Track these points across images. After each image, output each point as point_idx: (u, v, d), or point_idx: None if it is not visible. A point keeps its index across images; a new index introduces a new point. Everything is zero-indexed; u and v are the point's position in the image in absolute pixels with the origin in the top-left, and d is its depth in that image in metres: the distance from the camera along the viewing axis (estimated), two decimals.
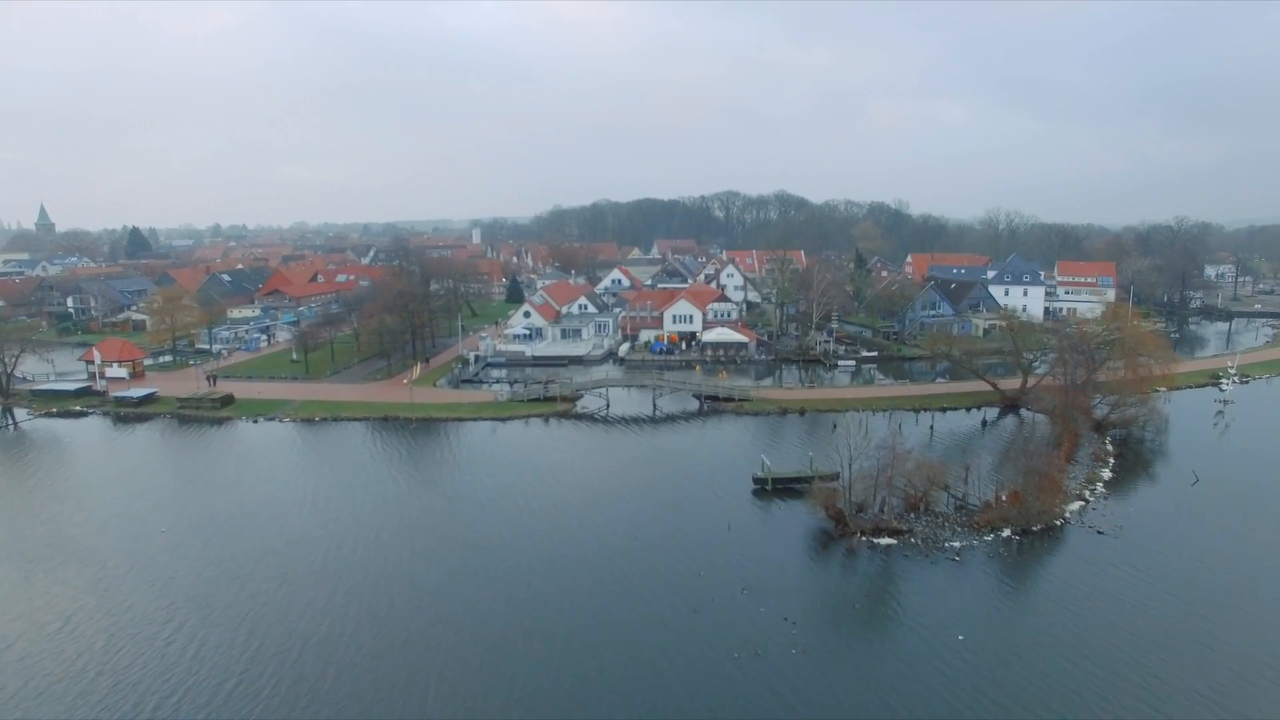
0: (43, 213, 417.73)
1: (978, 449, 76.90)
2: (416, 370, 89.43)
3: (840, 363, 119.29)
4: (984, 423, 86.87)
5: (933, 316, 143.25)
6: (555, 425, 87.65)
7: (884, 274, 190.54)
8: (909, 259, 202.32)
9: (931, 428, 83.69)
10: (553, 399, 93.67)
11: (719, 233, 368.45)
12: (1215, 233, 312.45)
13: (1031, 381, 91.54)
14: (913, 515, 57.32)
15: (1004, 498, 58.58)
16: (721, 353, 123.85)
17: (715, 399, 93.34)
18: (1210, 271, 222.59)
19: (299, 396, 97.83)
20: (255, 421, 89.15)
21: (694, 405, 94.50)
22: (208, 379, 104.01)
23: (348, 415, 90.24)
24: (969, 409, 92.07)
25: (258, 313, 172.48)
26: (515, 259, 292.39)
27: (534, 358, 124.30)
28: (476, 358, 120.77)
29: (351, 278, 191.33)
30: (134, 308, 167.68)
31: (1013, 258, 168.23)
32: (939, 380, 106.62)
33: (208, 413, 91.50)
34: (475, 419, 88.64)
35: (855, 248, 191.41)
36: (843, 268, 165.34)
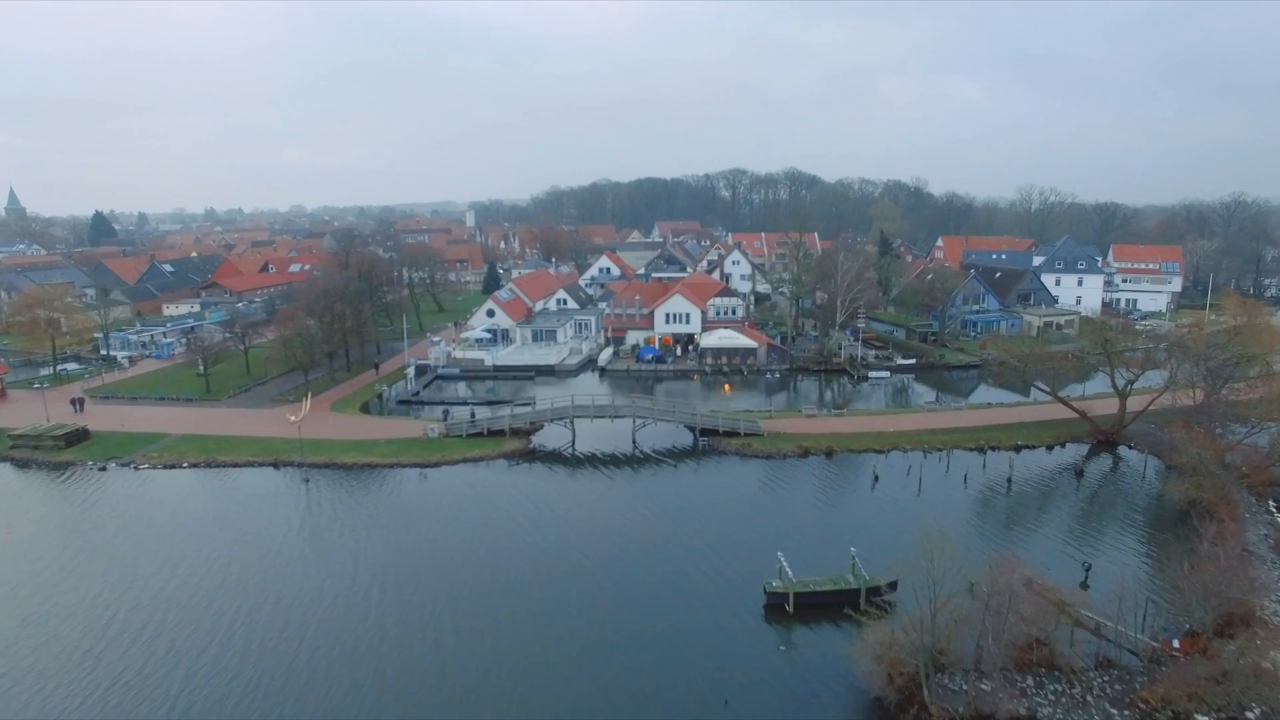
0: (12, 196, 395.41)
1: (1083, 521, 54.38)
2: (306, 404, 67.49)
3: (871, 374, 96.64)
4: (1078, 473, 63.81)
5: (977, 313, 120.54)
6: (500, 472, 65.66)
7: (909, 259, 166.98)
8: (939, 243, 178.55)
9: (1009, 481, 61.19)
10: (500, 433, 71.55)
11: (725, 214, 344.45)
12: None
13: (1132, 405, 69.08)
14: (1029, 678, 34.98)
15: (1175, 643, 36.23)
16: (724, 361, 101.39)
17: (714, 433, 71.06)
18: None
19: (179, 428, 75.91)
20: (103, 468, 67.18)
21: (686, 439, 72.36)
22: (72, 403, 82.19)
23: (228, 458, 68.22)
24: (1050, 447, 69.55)
25: (196, 308, 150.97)
26: (503, 243, 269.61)
27: (495, 368, 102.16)
28: (421, 369, 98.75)
29: (306, 267, 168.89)
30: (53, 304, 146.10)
31: (1065, 240, 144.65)
32: (990, 398, 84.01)
33: (46, 455, 69.65)
34: (393, 465, 66.53)
35: (879, 230, 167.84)
36: (865, 253, 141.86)
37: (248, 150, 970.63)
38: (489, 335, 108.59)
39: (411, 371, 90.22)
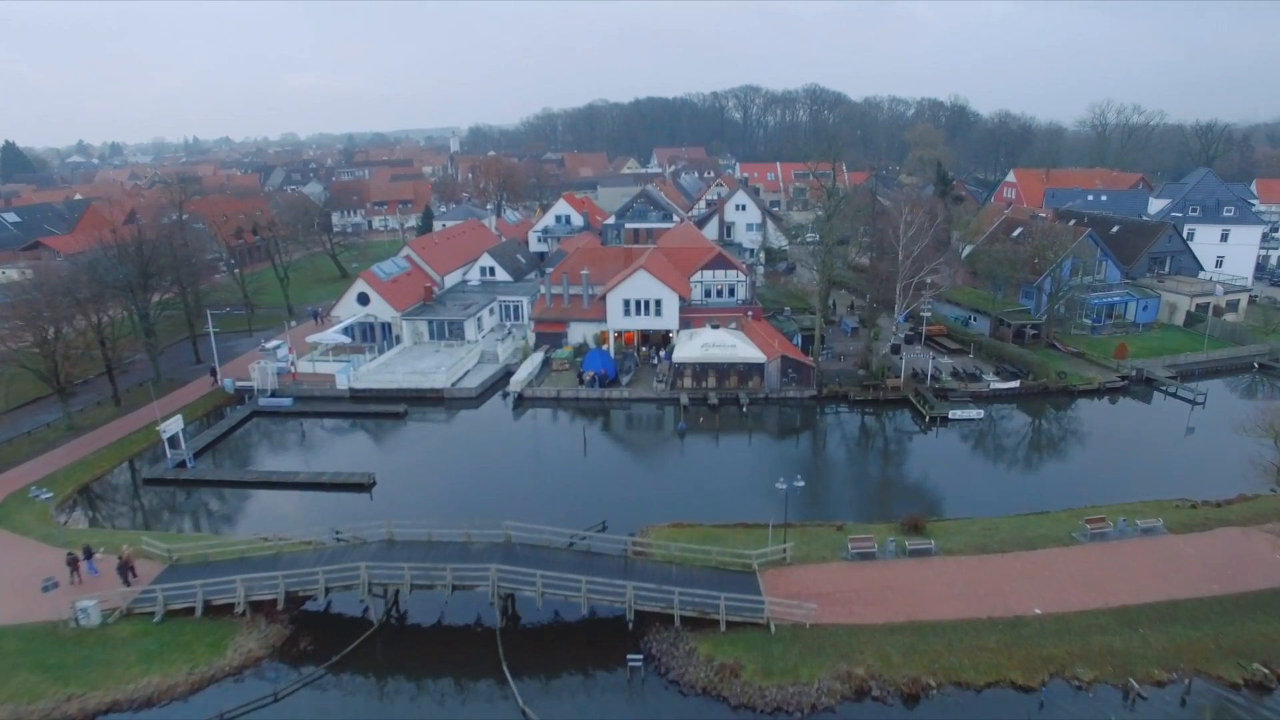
0: None
1: None
2: None
3: (952, 413, 58.33)
4: None
5: (1096, 291, 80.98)
6: None
7: (961, 195, 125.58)
8: (1010, 177, 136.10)
9: None
10: (232, 609, 34.59)
11: (735, 138, 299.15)
12: None
13: None
14: None
15: None
16: (712, 383, 63.41)
17: (667, 619, 33.65)
18: None
19: None
20: None
21: (613, 629, 35.23)
22: None
23: None
24: None
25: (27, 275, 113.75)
26: (470, 175, 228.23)
27: (353, 391, 64.70)
28: (243, 393, 61.59)
29: (185, 216, 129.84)
30: None
31: (1204, 176, 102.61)
32: (1160, 461, 45.64)
33: None
34: None
35: (936, 162, 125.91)
36: (920, 195, 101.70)
37: (250, 77, 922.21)
38: (349, 339, 70.56)
39: (174, 426, 51.79)
